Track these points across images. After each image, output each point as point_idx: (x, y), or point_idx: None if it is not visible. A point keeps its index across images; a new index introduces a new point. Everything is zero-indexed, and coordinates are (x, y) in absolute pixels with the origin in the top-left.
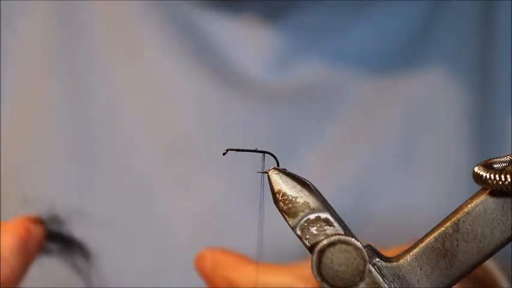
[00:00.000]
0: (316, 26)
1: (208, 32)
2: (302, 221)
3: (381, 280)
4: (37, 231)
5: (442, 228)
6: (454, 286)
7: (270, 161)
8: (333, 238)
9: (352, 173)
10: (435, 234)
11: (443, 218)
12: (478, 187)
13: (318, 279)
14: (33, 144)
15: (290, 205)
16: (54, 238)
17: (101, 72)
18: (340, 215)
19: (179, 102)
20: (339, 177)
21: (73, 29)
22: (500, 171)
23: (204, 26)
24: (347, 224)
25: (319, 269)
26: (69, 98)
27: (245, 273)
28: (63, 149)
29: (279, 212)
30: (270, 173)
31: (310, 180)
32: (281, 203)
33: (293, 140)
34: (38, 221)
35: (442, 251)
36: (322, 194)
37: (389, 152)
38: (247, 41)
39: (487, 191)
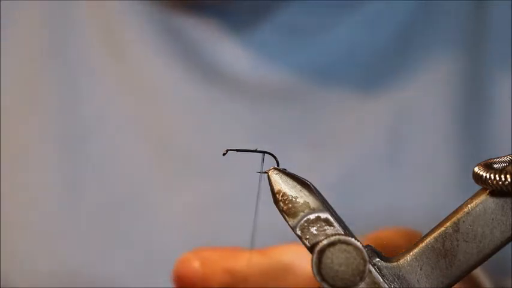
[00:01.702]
0: (301, 26)
1: (193, 34)
2: (302, 221)
3: (381, 280)
4: None
5: (442, 228)
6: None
7: (268, 161)
8: (333, 238)
9: (338, 173)
10: (435, 234)
11: (431, 217)
12: (467, 187)
13: (318, 279)
14: (21, 143)
15: (290, 205)
16: None
17: (90, 74)
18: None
19: (167, 102)
20: (326, 176)
21: (63, 31)
22: (500, 171)
23: (189, 29)
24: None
25: (319, 269)
26: (59, 100)
27: (245, 259)
28: (52, 149)
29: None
30: (270, 173)
31: None
32: (281, 203)
33: (279, 140)
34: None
35: (442, 251)
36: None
37: (376, 152)
38: (232, 42)
39: (487, 191)
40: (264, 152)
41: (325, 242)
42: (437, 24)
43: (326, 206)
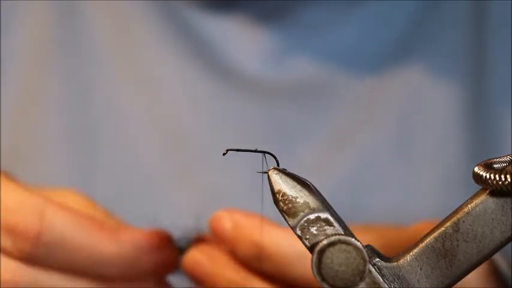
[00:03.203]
0: (310, 24)
1: (205, 31)
2: (302, 221)
3: (381, 280)
4: (164, 246)
5: (442, 228)
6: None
7: (270, 161)
8: (333, 238)
9: (348, 169)
10: (435, 234)
11: (440, 212)
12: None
13: (318, 279)
14: (32, 138)
15: (290, 205)
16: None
17: (100, 70)
18: (336, 211)
19: (177, 99)
20: (335, 172)
21: (73, 28)
22: (500, 171)
23: (200, 26)
24: (346, 223)
25: (319, 269)
26: (69, 96)
27: (274, 236)
28: (62, 147)
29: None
30: (270, 173)
31: (306, 176)
32: (281, 203)
33: (288, 136)
34: (168, 238)
35: (442, 251)
36: (319, 190)
37: (385, 148)
38: (243, 40)
39: (487, 191)
40: (264, 152)
41: (325, 242)
42: (445, 14)
43: (326, 206)
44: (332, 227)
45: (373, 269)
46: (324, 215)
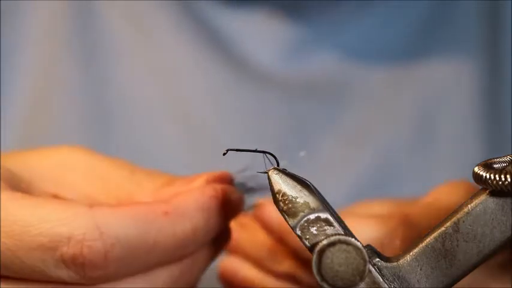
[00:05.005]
0: (328, 19)
1: (223, 25)
2: (302, 221)
3: (381, 280)
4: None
5: (442, 228)
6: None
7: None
8: (333, 238)
9: (366, 163)
10: (435, 234)
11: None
12: None
13: (318, 279)
14: (48, 131)
15: (290, 205)
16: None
17: (117, 62)
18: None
19: (194, 92)
20: (352, 166)
21: (89, 19)
22: (500, 171)
23: (219, 20)
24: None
25: (319, 269)
26: (86, 88)
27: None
28: (78, 136)
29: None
30: (270, 173)
31: (322, 171)
32: (281, 203)
33: (307, 130)
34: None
35: (442, 251)
36: (338, 185)
37: (403, 141)
38: (261, 34)
39: (487, 191)
40: (264, 152)
41: (325, 242)
42: (463, 4)
43: (326, 206)
44: (332, 227)
45: (373, 269)
46: (324, 215)
